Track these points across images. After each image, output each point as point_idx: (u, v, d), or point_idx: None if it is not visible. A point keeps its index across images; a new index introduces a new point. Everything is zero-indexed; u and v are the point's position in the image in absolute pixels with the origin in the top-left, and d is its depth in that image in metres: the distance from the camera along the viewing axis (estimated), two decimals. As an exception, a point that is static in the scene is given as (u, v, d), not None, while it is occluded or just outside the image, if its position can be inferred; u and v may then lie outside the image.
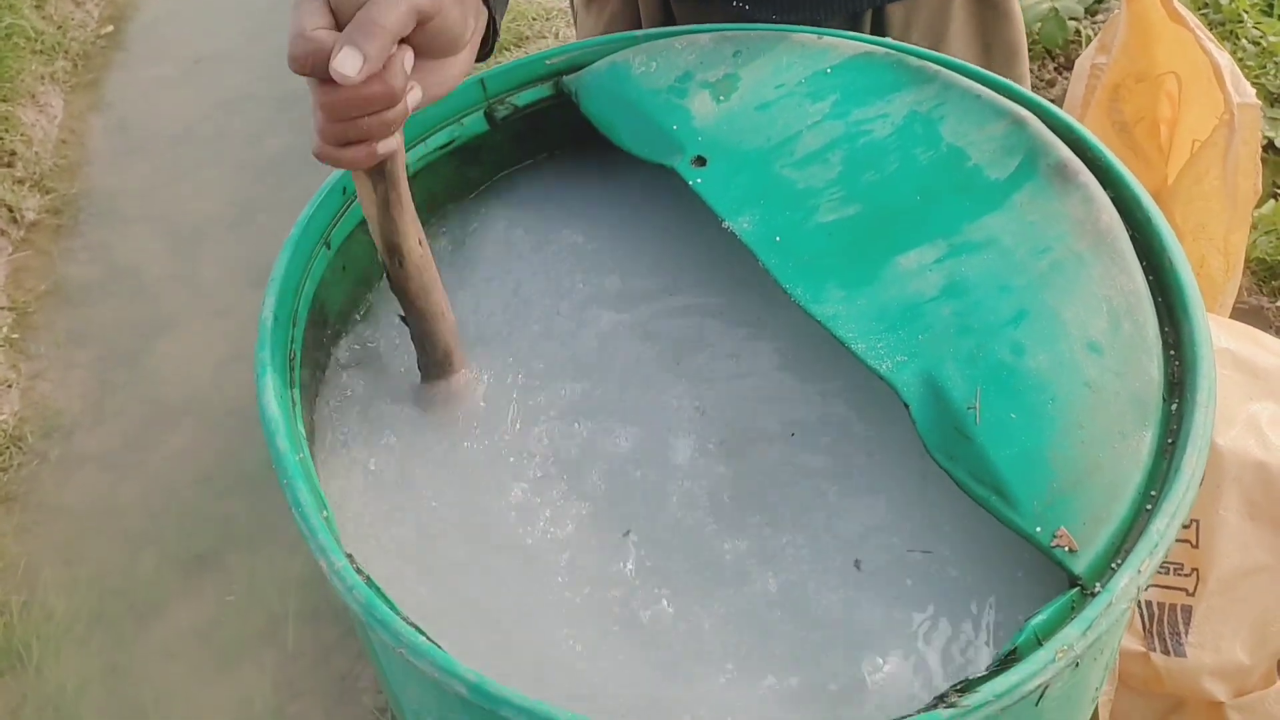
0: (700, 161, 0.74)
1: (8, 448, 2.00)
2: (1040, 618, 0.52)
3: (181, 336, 2.21)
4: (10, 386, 2.11)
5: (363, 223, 0.77)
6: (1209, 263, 1.15)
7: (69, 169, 2.69)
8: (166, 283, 2.35)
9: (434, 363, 0.72)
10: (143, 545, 1.87)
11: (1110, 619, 0.51)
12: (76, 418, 2.07)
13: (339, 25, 0.55)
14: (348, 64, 0.53)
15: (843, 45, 0.78)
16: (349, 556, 0.56)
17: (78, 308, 2.30)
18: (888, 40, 0.80)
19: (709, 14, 0.94)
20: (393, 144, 0.60)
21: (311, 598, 1.77)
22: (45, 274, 2.39)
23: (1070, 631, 0.51)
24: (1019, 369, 0.60)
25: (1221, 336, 0.99)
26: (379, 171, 0.63)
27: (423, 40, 0.58)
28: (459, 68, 0.63)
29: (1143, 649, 0.97)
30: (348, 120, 0.57)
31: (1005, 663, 0.51)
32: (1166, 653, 0.95)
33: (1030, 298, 0.62)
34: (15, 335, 2.23)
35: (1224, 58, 1.10)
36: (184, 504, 1.92)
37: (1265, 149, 1.95)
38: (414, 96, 0.60)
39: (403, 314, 0.71)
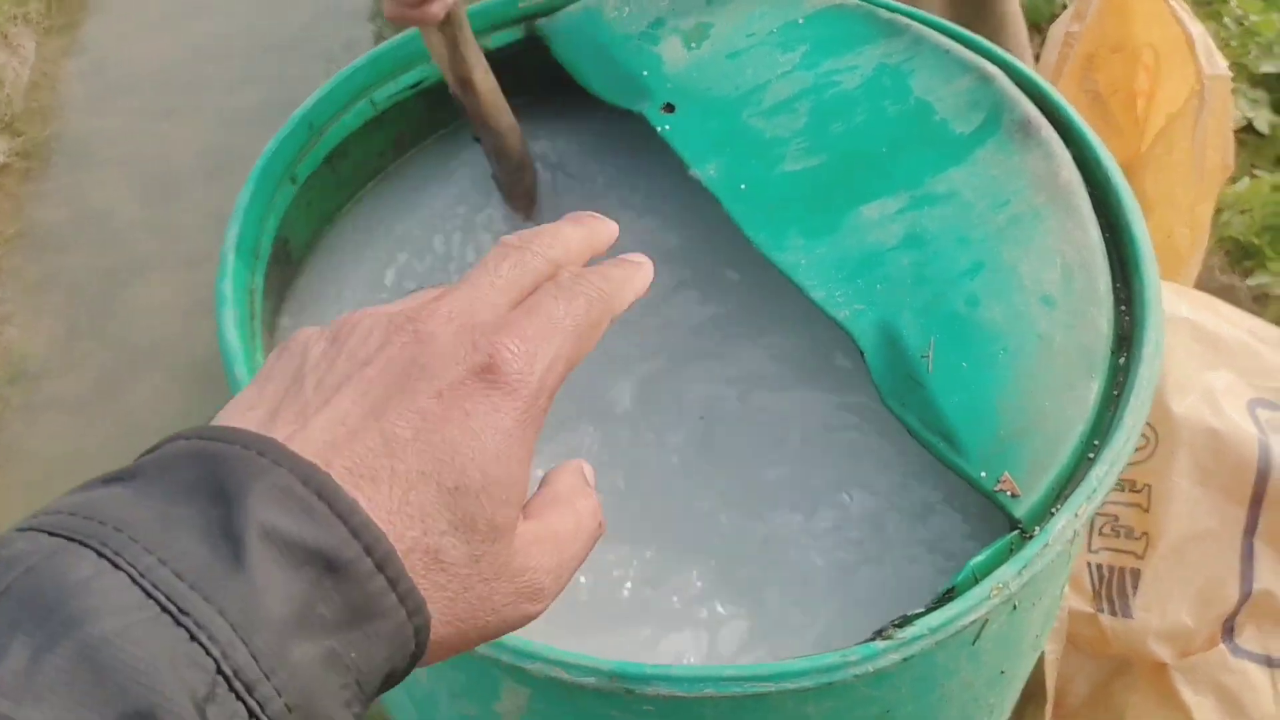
0: (669, 108, 0.74)
1: (-26, 391, 1.98)
2: (980, 558, 0.53)
3: (152, 284, 2.18)
4: (-23, 330, 2.09)
5: (329, 158, 0.77)
6: (1175, 234, 1.16)
7: (40, 112, 2.64)
8: (138, 229, 2.32)
9: (513, 168, 0.81)
10: (109, 492, 1.86)
11: (1045, 559, 0.52)
12: (44, 363, 2.06)
13: None
14: None
15: (815, -4, 0.78)
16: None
17: (46, 252, 2.28)
18: (861, -8, 0.80)
19: None
20: None
21: (278, 548, 1.77)
22: (14, 217, 2.36)
23: (1006, 570, 0.52)
24: (973, 319, 0.61)
25: (1182, 306, 1.00)
26: (445, 18, 0.71)
27: None
28: None
29: (1091, 610, 0.98)
30: None
31: (943, 599, 0.52)
32: (1114, 614, 0.97)
33: (987, 250, 0.63)
34: (-17, 278, 2.20)
35: (1197, 29, 1.10)
36: (151, 452, 1.92)
37: (1244, 130, 1.97)
38: None
39: (476, 135, 0.80)
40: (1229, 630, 0.97)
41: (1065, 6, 2.35)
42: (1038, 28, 2.40)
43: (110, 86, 2.74)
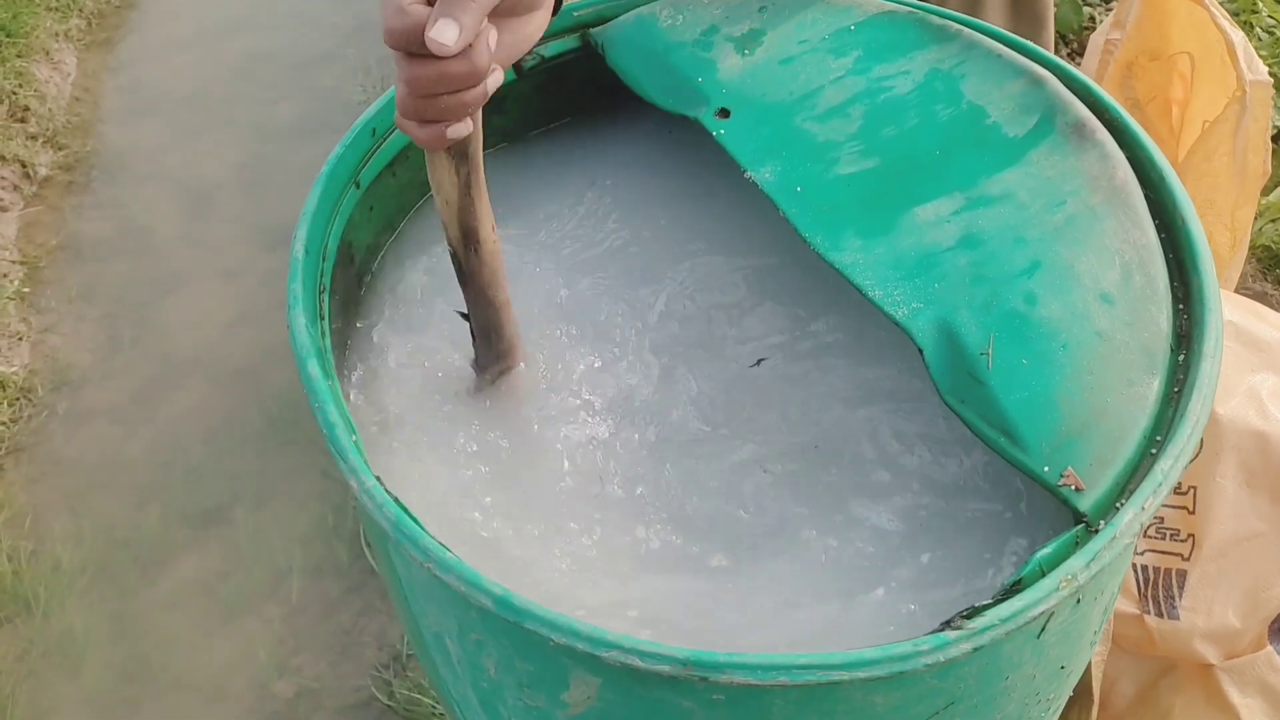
0: (724, 113, 0.75)
1: (18, 399, 2.02)
2: (1046, 551, 0.54)
3: (191, 295, 2.22)
4: (21, 340, 2.13)
5: (391, 164, 0.79)
6: (1216, 238, 1.17)
7: (82, 126, 2.69)
8: (177, 242, 2.36)
9: (497, 354, 0.72)
10: (149, 499, 1.89)
11: (1113, 553, 0.53)
12: (85, 372, 2.09)
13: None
14: (446, 33, 0.53)
15: (866, 3, 0.79)
16: (378, 478, 0.58)
17: (88, 264, 2.32)
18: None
19: None
20: (467, 127, 0.59)
21: (316, 553, 1.79)
22: (57, 229, 2.40)
23: (1075, 563, 0.53)
24: (1032, 317, 0.62)
25: (1224, 308, 1.00)
26: (461, 153, 0.62)
27: (507, 4, 0.58)
28: (535, 25, 0.63)
29: (1137, 611, 0.99)
30: (430, 97, 0.56)
31: (1010, 591, 0.53)
32: (1160, 615, 0.98)
33: (1044, 249, 0.64)
34: (26, 289, 2.24)
35: (1238, 35, 1.11)
36: (191, 460, 1.94)
37: (1276, 137, 1.97)
38: (495, 79, 0.59)
39: (464, 310, 0.69)
40: (1276, 632, 0.97)
41: (1093, 18, 2.36)
42: (1064, 39, 2.41)
43: (148, 101, 2.79)
